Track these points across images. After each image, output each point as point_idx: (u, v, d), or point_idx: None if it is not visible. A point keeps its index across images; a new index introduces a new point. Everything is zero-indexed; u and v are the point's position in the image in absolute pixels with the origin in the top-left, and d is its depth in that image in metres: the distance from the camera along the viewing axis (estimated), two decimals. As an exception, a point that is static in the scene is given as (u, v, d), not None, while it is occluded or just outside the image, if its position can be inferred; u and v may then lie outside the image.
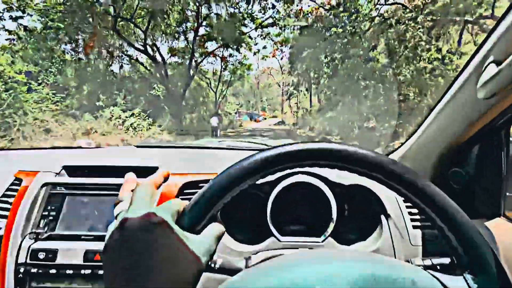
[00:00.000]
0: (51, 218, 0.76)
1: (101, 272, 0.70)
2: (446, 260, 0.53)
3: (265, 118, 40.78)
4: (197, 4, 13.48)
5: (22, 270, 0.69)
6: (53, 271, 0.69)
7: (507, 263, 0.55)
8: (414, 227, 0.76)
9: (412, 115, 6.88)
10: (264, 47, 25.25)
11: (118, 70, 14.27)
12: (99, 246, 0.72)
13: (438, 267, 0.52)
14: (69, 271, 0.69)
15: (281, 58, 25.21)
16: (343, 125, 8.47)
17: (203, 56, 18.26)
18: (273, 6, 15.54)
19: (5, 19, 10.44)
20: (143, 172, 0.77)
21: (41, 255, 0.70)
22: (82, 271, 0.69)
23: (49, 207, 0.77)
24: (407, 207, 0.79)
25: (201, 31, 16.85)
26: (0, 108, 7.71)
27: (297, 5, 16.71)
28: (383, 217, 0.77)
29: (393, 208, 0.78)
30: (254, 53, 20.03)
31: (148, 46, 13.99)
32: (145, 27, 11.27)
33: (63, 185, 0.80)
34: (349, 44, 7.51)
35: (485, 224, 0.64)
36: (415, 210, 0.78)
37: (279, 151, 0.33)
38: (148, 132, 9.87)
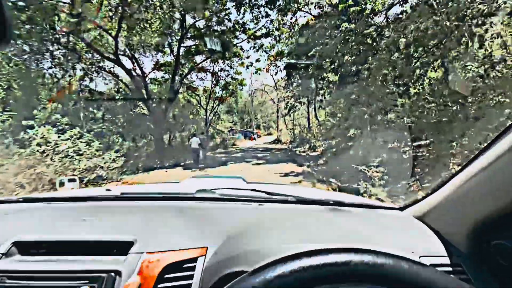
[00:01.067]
0: None
1: None
2: None
3: (260, 136, 39.14)
4: (181, 12, 12.07)
5: None
6: None
7: None
8: None
9: (449, 131, 4.99)
10: (258, 60, 23.95)
11: (89, 83, 12.30)
12: None
13: None
14: None
15: (276, 73, 23.93)
16: (357, 145, 6.59)
17: (191, 70, 16.77)
18: (267, 15, 14.31)
19: None
20: (117, 247, 0.66)
21: None
22: None
23: None
24: None
25: (189, 42, 15.49)
26: None
27: (291, 18, 15.60)
28: None
29: None
30: (247, 67, 18.69)
31: (125, 57, 12.39)
32: (115, 33, 9.52)
33: (7, 275, 0.60)
34: (365, 42, 5.79)
35: None
36: None
37: (313, 263, 0.26)
38: (90, 162, 6.29)
